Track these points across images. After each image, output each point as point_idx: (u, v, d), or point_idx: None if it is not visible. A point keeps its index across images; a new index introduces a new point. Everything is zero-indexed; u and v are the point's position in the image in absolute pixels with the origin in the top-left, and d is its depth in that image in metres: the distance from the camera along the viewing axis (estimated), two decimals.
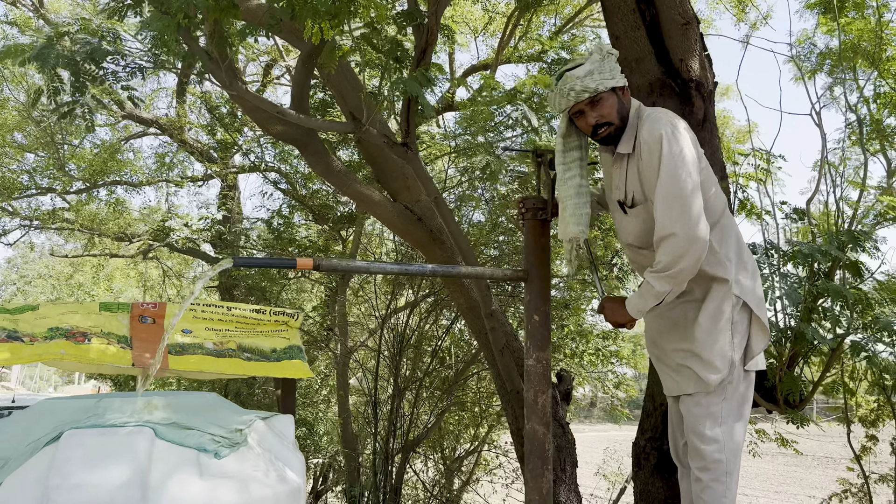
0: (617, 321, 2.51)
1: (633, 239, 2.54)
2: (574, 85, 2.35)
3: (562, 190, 2.51)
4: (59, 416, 1.79)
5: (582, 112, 2.41)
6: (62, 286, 16.03)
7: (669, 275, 2.27)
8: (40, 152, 9.58)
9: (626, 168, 2.47)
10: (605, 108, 2.38)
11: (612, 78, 2.37)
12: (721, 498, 2.35)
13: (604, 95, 2.38)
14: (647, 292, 2.35)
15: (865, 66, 6.02)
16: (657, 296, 2.32)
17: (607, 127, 2.41)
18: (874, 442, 6.04)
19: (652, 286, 2.31)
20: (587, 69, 2.36)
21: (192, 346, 2.94)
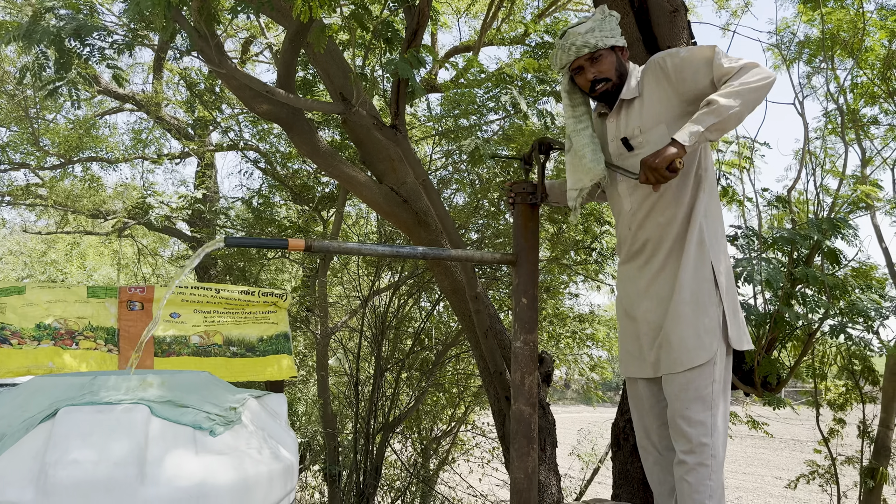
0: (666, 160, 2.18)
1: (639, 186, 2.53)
2: (575, 40, 2.46)
3: (577, 140, 2.56)
4: (54, 393, 1.78)
5: (582, 68, 2.51)
6: (34, 263, 15.77)
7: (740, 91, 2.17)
8: (13, 126, 9.37)
9: (626, 112, 2.54)
10: (603, 65, 2.49)
11: (612, 37, 2.48)
12: (706, 480, 2.35)
13: (603, 52, 2.48)
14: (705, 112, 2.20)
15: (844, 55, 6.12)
16: (719, 111, 2.17)
17: (605, 83, 2.50)
18: (842, 425, 6.23)
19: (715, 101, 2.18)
20: (589, 26, 2.47)
21: (178, 343, 2.93)
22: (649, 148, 2.44)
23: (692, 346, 2.40)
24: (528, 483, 2.44)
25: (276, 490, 1.85)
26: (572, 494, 8.96)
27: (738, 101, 2.17)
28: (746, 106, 2.20)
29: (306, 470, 8.98)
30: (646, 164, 2.24)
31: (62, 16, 2.95)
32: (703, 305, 2.41)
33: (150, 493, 1.59)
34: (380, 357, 7.71)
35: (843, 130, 3.95)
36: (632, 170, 2.50)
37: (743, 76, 2.23)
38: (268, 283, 9.27)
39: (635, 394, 2.70)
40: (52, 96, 3.06)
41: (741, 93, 2.18)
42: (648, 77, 2.49)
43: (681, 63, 2.41)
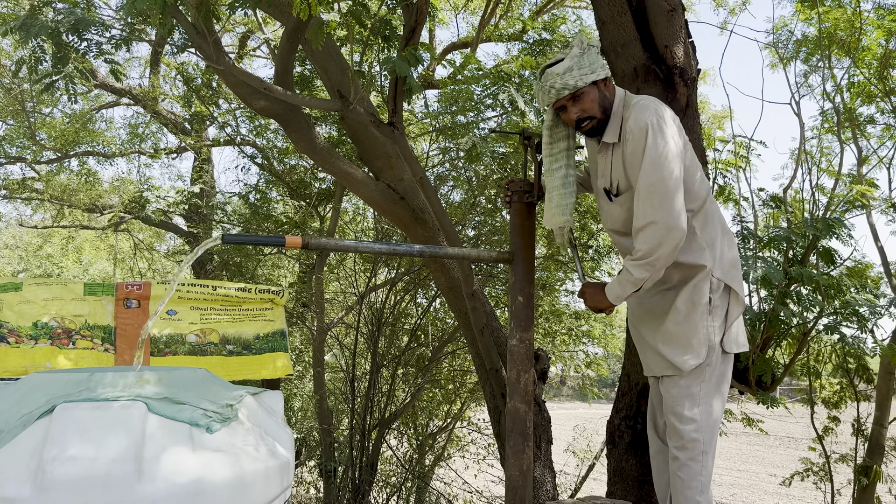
0: (597, 306, 2.59)
1: (619, 225, 2.60)
2: (554, 82, 2.40)
3: (549, 180, 2.57)
4: (51, 390, 1.79)
5: (564, 107, 2.47)
6: (30, 257, 15.74)
7: (647, 262, 2.34)
8: (9, 120, 9.35)
9: (611, 157, 2.52)
10: (586, 103, 2.44)
11: (593, 72, 2.41)
12: (697, 476, 2.44)
13: (585, 90, 2.42)
14: (625, 279, 2.42)
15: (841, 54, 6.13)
16: (635, 283, 2.40)
17: (590, 121, 2.47)
18: (836, 423, 6.25)
19: (630, 273, 2.39)
20: (566, 65, 2.39)
21: (174, 342, 2.94)
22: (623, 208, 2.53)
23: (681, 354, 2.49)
24: (523, 480, 2.46)
25: (272, 487, 1.86)
26: (567, 491, 8.99)
27: (649, 271, 2.37)
28: (658, 270, 2.38)
29: (302, 466, 8.99)
30: (583, 295, 2.62)
31: (60, 10, 2.95)
32: (694, 316, 2.47)
33: (148, 490, 1.59)
34: (376, 353, 7.72)
35: (839, 129, 3.97)
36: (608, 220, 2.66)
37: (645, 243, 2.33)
38: (264, 279, 9.27)
39: (651, 387, 2.82)
40: (49, 90, 3.05)
41: (651, 263, 2.35)
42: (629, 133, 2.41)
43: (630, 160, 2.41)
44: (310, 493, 8.98)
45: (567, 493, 8.88)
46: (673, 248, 2.32)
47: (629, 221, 2.52)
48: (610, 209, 2.61)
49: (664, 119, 2.38)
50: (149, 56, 9.59)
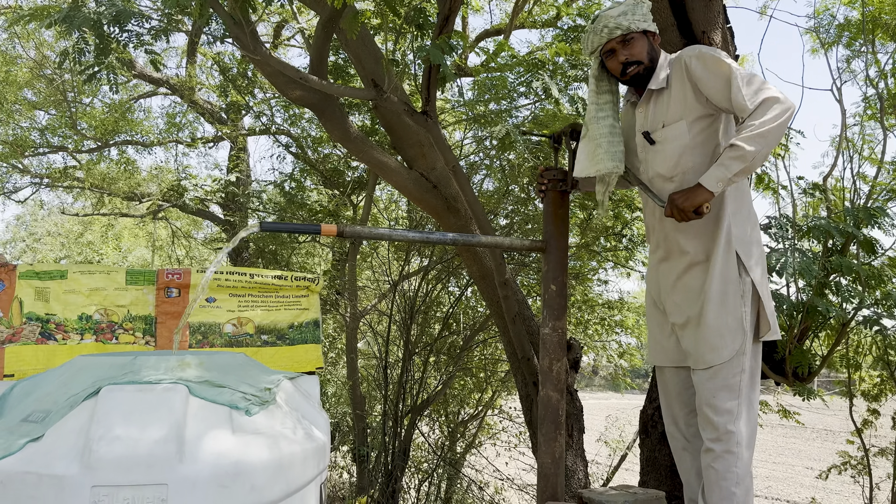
0: (693, 203, 2.29)
1: (661, 167, 2.52)
2: (608, 23, 2.45)
3: (594, 128, 2.54)
4: (97, 373, 1.85)
5: (613, 51, 2.50)
6: (71, 244, 16.13)
7: (762, 133, 2.20)
8: (51, 110, 9.57)
9: (654, 103, 2.54)
10: (635, 48, 2.48)
11: (645, 21, 2.47)
12: (732, 468, 2.37)
13: (635, 36, 2.48)
14: (730, 157, 2.25)
15: (885, 39, 5.96)
16: (744, 157, 2.22)
17: (637, 66, 2.49)
18: (875, 416, 6.13)
19: (739, 146, 2.22)
20: (622, 10, 2.46)
21: (212, 332, 3.01)
22: (668, 143, 2.48)
23: (716, 345, 2.43)
24: (554, 468, 2.47)
25: (309, 469, 1.90)
26: (599, 480, 8.97)
27: (760, 144, 2.20)
28: (769, 146, 2.23)
29: (335, 450, 9.11)
30: (673, 202, 2.34)
31: (101, 1, 3.01)
32: (728, 304, 2.42)
33: (189, 470, 1.64)
34: (408, 341, 7.77)
35: (882, 116, 3.86)
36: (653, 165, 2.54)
37: (764, 115, 2.22)
38: (299, 267, 9.38)
39: (663, 381, 2.73)
40: (92, 81, 3.13)
41: (763, 135, 2.20)
42: (675, 72, 2.48)
43: (702, 73, 2.40)
44: (343, 477, 9.11)
45: (599, 482, 8.86)
46: (787, 121, 2.23)
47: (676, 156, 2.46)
48: (652, 154, 2.55)
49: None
50: (185, 46, 9.73)
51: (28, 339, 2.77)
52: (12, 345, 2.75)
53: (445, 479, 8.60)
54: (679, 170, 2.47)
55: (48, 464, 1.60)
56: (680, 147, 2.46)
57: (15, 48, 9.14)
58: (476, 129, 6.94)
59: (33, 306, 2.81)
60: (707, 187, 2.27)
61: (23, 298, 2.79)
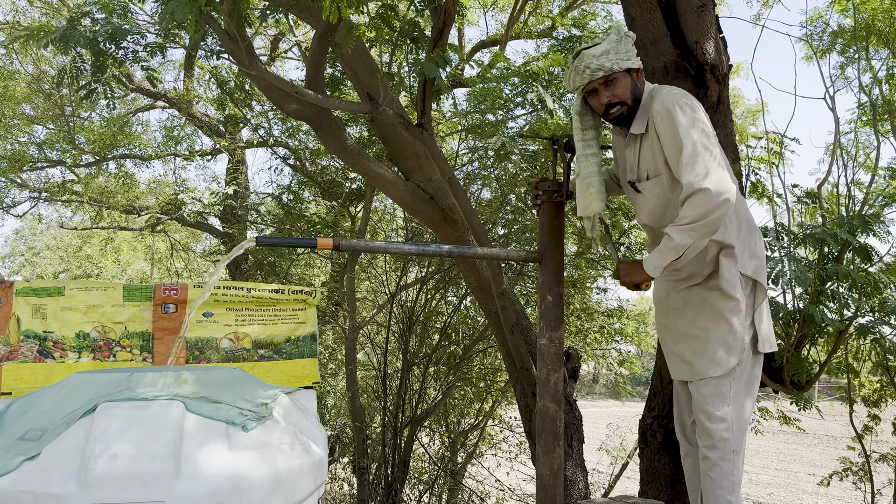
0: (632, 280, 2.47)
1: (647, 218, 2.59)
2: (590, 63, 2.41)
3: (584, 166, 2.55)
4: (93, 390, 1.85)
5: (595, 91, 2.48)
6: (70, 258, 16.13)
7: (692, 228, 2.26)
8: (49, 125, 9.60)
9: (639, 147, 2.53)
10: (618, 88, 2.44)
11: (628, 59, 2.43)
12: (728, 475, 2.42)
13: (618, 76, 2.44)
14: (665, 246, 2.33)
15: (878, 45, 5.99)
16: (676, 249, 2.30)
17: (620, 107, 2.47)
18: (876, 421, 6.12)
19: (671, 239, 2.30)
20: (604, 48, 2.41)
21: (209, 347, 3.02)
22: (651, 197, 2.52)
23: (713, 359, 2.46)
24: (553, 479, 2.47)
25: (306, 484, 1.90)
26: (601, 489, 8.94)
27: (691, 238, 2.28)
28: (701, 238, 2.30)
29: (335, 462, 9.08)
30: (618, 273, 2.52)
31: (97, 19, 3.03)
32: (724, 319, 2.44)
33: (186, 487, 1.64)
34: (407, 351, 7.77)
35: (875, 122, 3.88)
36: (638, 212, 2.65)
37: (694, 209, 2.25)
38: (297, 278, 9.38)
39: (676, 389, 2.79)
40: (89, 97, 3.15)
41: (694, 229, 2.27)
42: (657, 116, 2.42)
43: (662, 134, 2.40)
44: (343, 489, 9.08)
45: (600, 491, 8.83)
46: (721, 216, 2.25)
47: (657, 211, 2.52)
48: (639, 201, 2.60)
49: (690, 98, 2.41)
50: (183, 60, 9.77)
51: (26, 357, 2.78)
52: (10, 362, 2.76)
53: (446, 490, 8.57)
54: (665, 221, 2.52)
55: (45, 482, 1.61)
56: (664, 201, 2.50)
57: (13, 63, 9.17)
58: (472, 139, 6.97)
59: (31, 324, 2.81)
60: (647, 271, 2.40)
61: (20, 315, 2.80)
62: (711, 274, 2.49)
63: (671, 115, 2.35)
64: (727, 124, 3.39)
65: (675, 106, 2.35)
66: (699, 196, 2.25)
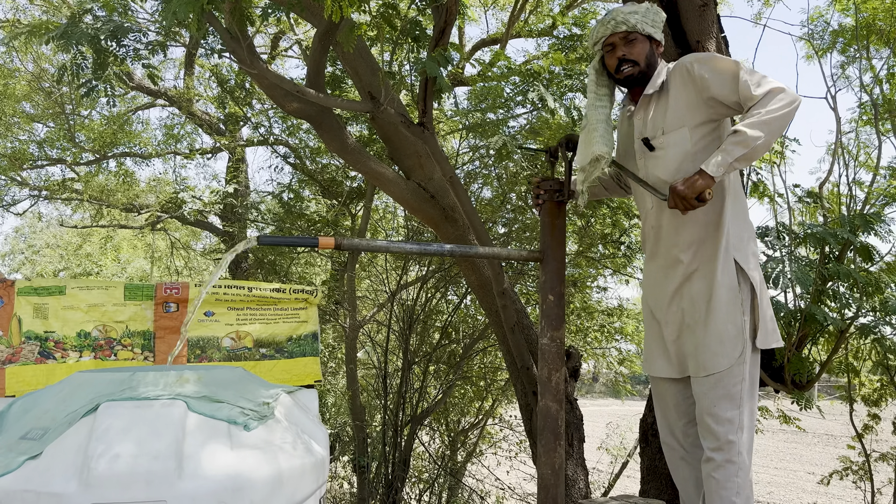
0: (694, 190, 2.24)
1: (666, 174, 2.50)
2: (616, 16, 2.48)
3: (592, 115, 2.55)
4: (95, 389, 1.85)
5: (613, 47, 2.52)
6: (70, 256, 16.13)
7: (767, 120, 2.19)
8: (49, 123, 9.60)
9: (651, 108, 2.54)
10: (635, 48, 2.49)
11: (653, 27, 2.49)
12: (733, 477, 2.37)
13: (639, 37, 2.50)
14: (732, 143, 2.23)
15: (879, 45, 5.98)
16: (746, 143, 2.20)
17: (632, 66, 2.50)
18: (876, 421, 6.12)
19: (742, 132, 2.21)
20: (634, 8, 2.49)
21: (210, 346, 3.02)
22: (670, 150, 2.47)
23: (716, 352, 2.43)
24: (555, 479, 2.47)
25: (308, 483, 1.90)
26: (601, 488, 8.94)
27: (764, 131, 2.20)
28: (773, 135, 2.21)
29: (335, 461, 9.09)
30: (675, 191, 2.29)
31: (98, 17, 3.03)
32: (727, 312, 2.42)
33: (188, 486, 1.64)
34: (407, 350, 7.77)
35: (877, 122, 3.88)
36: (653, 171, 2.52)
37: (769, 104, 2.22)
38: (298, 277, 9.38)
39: (659, 391, 2.72)
40: (90, 95, 3.14)
41: (767, 122, 2.20)
42: (675, 78, 2.49)
43: (707, 73, 2.39)
44: (343, 487, 9.08)
45: (600, 490, 8.84)
46: (793, 112, 2.21)
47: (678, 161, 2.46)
48: (653, 162, 2.53)
49: None
50: (183, 58, 9.76)
51: (27, 359, 2.78)
52: (12, 365, 2.76)
53: (446, 488, 8.58)
54: (681, 175, 2.45)
55: (46, 482, 1.60)
56: (681, 153, 2.46)
57: (13, 61, 9.17)
58: (473, 138, 6.96)
59: (32, 324, 2.81)
60: (708, 172, 2.24)
61: (21, 316, 2.80)
62: (710, 266, 2.46)
63: (709, 57, 2.43)
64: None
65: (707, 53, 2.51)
66: (775, 92, 2.22)
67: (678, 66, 2.49)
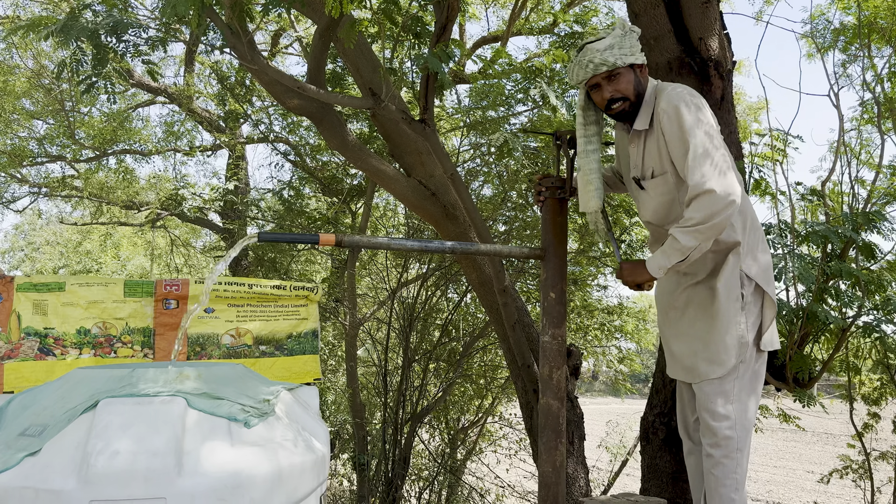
0: (635, 280, 2.46)
1: (651, 216, 2.57)
2: (593, 57, 2.39)
3: (584, 163, 2.54)
4: (95, 385, 1.84)
5: (598, 86, 2.46)
6: (70, 253, 16.12)
7: (698, 229, 2.24)
8: (49, 119, 9.58)
9: (642, 144, 2.51)
10: (621, 84, 2.43)
11: (632, 55, 2.41)
12: (732, 473, 2.41)
13: (621, 71, 2.42)
14: (671, 248, 2.31)
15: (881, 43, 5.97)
16: (682, 251, 2.29)
17: (622, 102, 2.45)
18: (876, 420, 6.11)
19: (677, 240, 2.28)
20: (608, 43, 2.39)
21: (210, 343, 3.01)
22: (655, 194, 2.51)
23: (713, 360, 2.45)
24: (556, 477, 2.46)
25: (308, 481, 1.89)
26: (600, 486, 8.94)
27: (696, 240, 2.26)
28: (706, 240, 2.28)
29: (335, 458, 9.08)
30: (621, 274, 2.48)
31: (98, 12, 3.02)
32: (726, 320, 2.43)
33: (187, 483, 1.63)
34: (408, 348, 7.76)
35: (879, 120, 3.86)
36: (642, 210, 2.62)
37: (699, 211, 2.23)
38: (298, 274, 9.37)
39: (679, 386, 2.79)
40: (90, 91, 3.13)
41: (700, 231, 2.25)
42: (661, 119, 2.41)
43: (668, 133, 2.37)
44: (343, 485, 9.07)
45: (599, 488, 8.83)
46: (727, 217, 2.24)
47: (661, 209, 2.51)
48: (643, 198, 2.58)
49: (695, 96, 2.40)
50: (183, 55, 9.74)
51: (27, 355, 2.77)
52: (11, 361, 2.75)
53: (446, 486, 8.57)
54: (670, 219, 2.51)
55: (46, 478, 1.60)
56: (669, 200, 2.49)
57: (13, 58, 9.15)
58: (474, 135, 6.95)
59: (31, 320, 2.80)
60: (650, 271, 2.39)
61: (21, 312, 2.78)
62: (713, 272, 2.47)
63: (678, 114, 2.33)
64: (730, 121, 3.38)
65: (681, 104, 2.33)
66: (705, 197, 2.23)
67: (660, 107, 2.41)
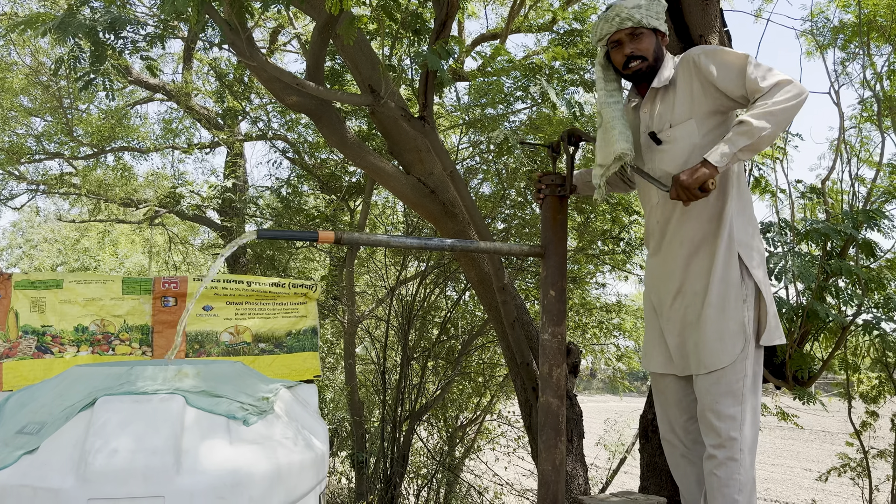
0: (698, 181, 2.21)
1: (673, 167, 2.48)
2: (620, 12, 2.44)
3: (607, 112, 2.53)
4: (93, 383, 1.83)
5: (620, 43, 2.49)
6: (68, 251, 16.09)
7: (773, 112, 2.17)
8: (47, 116, 9.56)
9: (658, 101, 2.53)
10: (642, 43, 2.47)
11: (658, 19, 2.47)
12: (734, 475, 2.35)
13: (645, 31, 2.47)
14: (737, 134, 2.21)
15: (880, 41, 5.96)
16: (751, 134, 2.18)
17: (640, 61, 2.48)
18: (874, 418, 6.12)
19: (747, 123, 2.19)
20: (636, 2, 2.45)
21: (209, 341, 3.00)
22: (677, 143, 2.46)
23: (716, 349, 2.41)
24: (555, 475, 2.45)
25: (307, 479, 1.88)
26: (598, 484, 8.94)
27: (770, 122, 2.17)
28: (779, 126, 2.19)
29: (334, 456, 9.07)
30: (678, 181, 2.25)
31: (96, 8, 3.00)
32: (729, 308, 2.41)
33: (186, 482, 1.63)
34: (406, 346, 7.75)
35: (879, 118, 3.86)
36: (660, 165, 2.50)
37: (775, 95, 2.20)
38: (297, 272, 9.36)
39: (659, 387, 2.71)
40: (87, 88, 3.12)
41: (773, 113, 2.18)
42: (682, 71, 2.47)
43: (714, 65, 2.38)
44: (342, 483, 9.07)
45: (598, 486, 8.84)
46: (800, 105, 2.19)
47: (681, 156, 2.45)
48: (660, 155, 2.52)
49: None
50: (181, 52, 9.72)
51: (24, 354, 2.76)
52: (9, 360, 2.74)
53: (444, 484, 8.57)
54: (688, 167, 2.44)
55: (43, 477, 1.59)
56: (689, 146, 2.44)
57: (10, 55, 9.12)
58: (473, 132, 6.94)
59: (29, 318, 2.79)
60: (711, 162, 2.21)
61: (18, 310, 2.77)
62: (712, 261, 2.44)
63: (714, 50, 2.40)
64: None
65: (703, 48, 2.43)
66: (780, 84, 2.21)
67: (685, 59, 2.48)
